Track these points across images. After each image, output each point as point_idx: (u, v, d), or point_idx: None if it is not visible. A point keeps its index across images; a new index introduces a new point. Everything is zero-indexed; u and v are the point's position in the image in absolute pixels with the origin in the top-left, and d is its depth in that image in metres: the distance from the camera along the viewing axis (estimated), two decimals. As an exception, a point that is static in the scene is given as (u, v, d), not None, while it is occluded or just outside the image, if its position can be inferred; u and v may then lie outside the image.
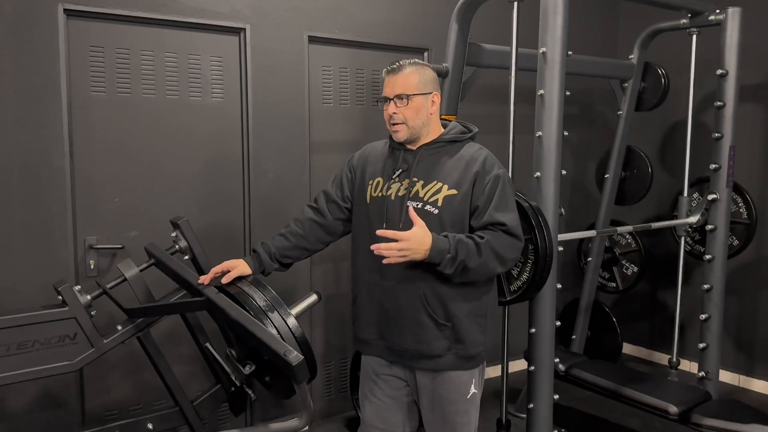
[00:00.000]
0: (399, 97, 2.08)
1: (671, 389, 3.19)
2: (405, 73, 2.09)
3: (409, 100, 2.08)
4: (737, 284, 4.15)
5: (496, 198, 2.05)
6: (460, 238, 1.99)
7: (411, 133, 2.11)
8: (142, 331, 2.47)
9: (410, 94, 2.08)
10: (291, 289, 3.37)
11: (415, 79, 2.09)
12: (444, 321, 2.08)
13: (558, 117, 2.63)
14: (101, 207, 2.94)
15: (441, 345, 2.09)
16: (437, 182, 2.08)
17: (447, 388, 2.14)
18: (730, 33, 3.40)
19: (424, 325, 2.09)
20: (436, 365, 2.11)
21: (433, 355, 2.10)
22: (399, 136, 2.13)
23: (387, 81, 2.13)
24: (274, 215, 3.32)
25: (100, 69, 2.88)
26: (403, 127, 2.10)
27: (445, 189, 2.06)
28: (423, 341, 2.10)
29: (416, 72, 2.10)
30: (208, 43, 3.12)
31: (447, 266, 1.97)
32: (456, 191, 2.05)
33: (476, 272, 2.01)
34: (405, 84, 2.08)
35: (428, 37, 3.75)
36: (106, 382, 3.01)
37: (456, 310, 2.08)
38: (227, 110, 3.21)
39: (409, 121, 2.09)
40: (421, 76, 2.10)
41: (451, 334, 2.09)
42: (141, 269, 2.45)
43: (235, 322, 2.05)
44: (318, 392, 3.65)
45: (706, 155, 4.03)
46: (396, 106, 2.09)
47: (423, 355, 2.11)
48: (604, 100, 4.77)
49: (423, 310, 2.08)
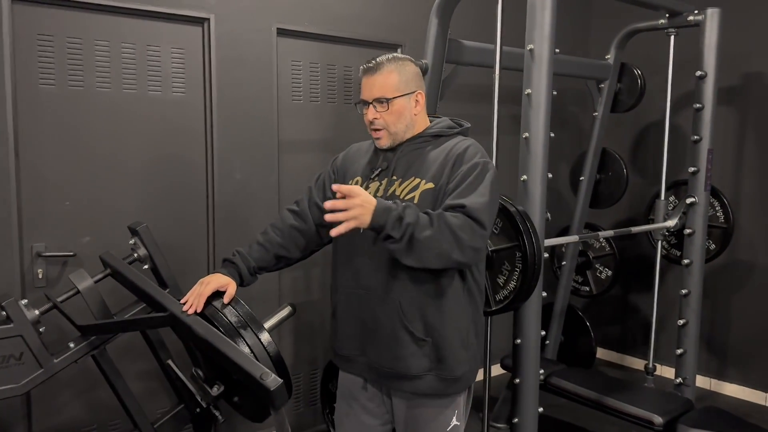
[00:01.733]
0: (378, 100, 1.88)
1: (653, 398, 3.12)
2: (383, 72, 1.89)
3: (389, 104, 1.88)
4: (710, 288, 4.12)
5: (465, 183, 1.79)
6: (408, 204, 1.73)
7: (394, 139, 1.93)
8: (97, 348, 2.25)
9: (390, 97, 1.87)
10: (258, 299, 3.16)
11: (395, 79, 1.88)
12: (422, 335, 1.87)
13: (546, 117, 2.52)
14: (50, 211, 2.69)
15: (420, 364, 1.88)
16: (414, 178, 1.88)
17: (424, 419, 1.94)
18: (709, 34, 3.36)
19: (400, 339, 1.87)
20: (414, 388, 1.90)
21: (411, 376, 1.89)
22: (381, 143, 1.94)
23: (364, 82, 1.92)
24: (241, 219, 3.11)
25: (49, 60, 2.62)
26: (384, 134, 1.92)
27: (423, 184, 1.86)
28: (399, 358, 1.88)
29: (396, 70, 1.89)
30: (168, 34, 2.89)
31: (394, 227, 1.67)
32: (433, 185, 1.85)
33: (428, 249, 1.70)
34: (384, 85, 1.88)
35: (403, 33, 3.59)
36: (56, 401, 2.75)
37: (437, 323, 1.87)
38: (189, 106, 2.99)
39: (390, 127, 1.90)
40: (401, 75, 1.90)
41: (431, 352, 1.88)
42: (96, 280, 2.23)
43: (203, 341, 1.85)
44: (286, 406, 3.45)
45: (680, 158, 4.00)
46: (376, 111, 1.89)
47: (400, 374, 1.89)
48: (576, 101, 4.71)
49: (399, 323, 1.87)
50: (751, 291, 4.06)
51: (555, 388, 3.27)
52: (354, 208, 1.66)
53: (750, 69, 3.98)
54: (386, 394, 2.00)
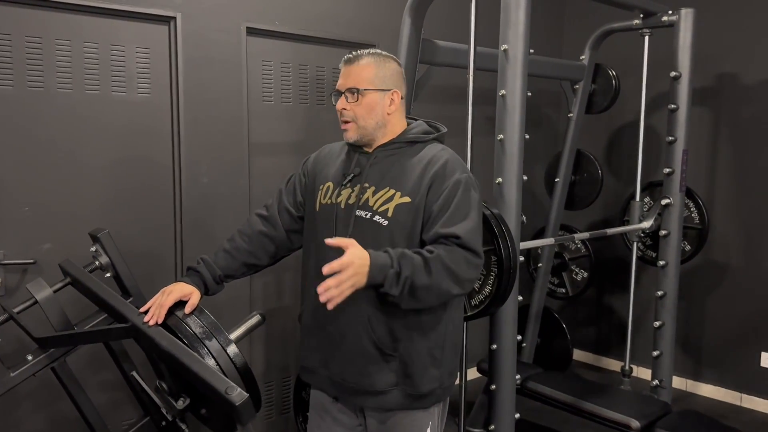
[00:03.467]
0: (350, 91, 1.83)
1: (630, 402, 3.09)
2: (361, 64, 1.83)
3: (360, 96, 1.81)
4: (686, 289, 4.12)
5: (453, 206, 1.74)
6: (403, 251, 1.67)
7: (362, 134, 1.85)
8: (56, 360, 2.15)
9: (361, 88, 1.81)
10: (227, 306, 3.07)
11: (370, 73, 1.82)
12: (390, 351, 1.80)
13: (520, 119, 2.47)
14: (9, 216, 2.57)
15: (386, 379, 1.81)
16: (389, 188, 1.80)
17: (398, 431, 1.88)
18: (683, 34, 3.35)
19: (367, 354, 1.80)
20: (381, 403, 1.84)
21: (376, 391, 1.82)
22: (348, 136, 1.87)
23: (341, 72, 1.86)
24: (210, 224, 3.02)
25: (6, 59, 2.51)
26: (352, 126, 1.84)
27: (398, 197, 1.78)
28: (365, 374, 1.81)
29: (374, 64, 1.84)
30: (133, 33, 2.79)
31: (392, 285, 1.63)
32: (410, 199, 1.77)
33: (427, 293, 1.68)
34: (358, 77, 1.82)
35: (376, 32, 3.52)
36: (14, 415, 2.64)
37: (405, 339, 1.80)
38: (155, 107, 2.89)
39: (360, 120, 1.83)
40: (379, 70, 1.84)
41: (398, 367, 1.81)
42: (55, 290, 2.13)
43: (166, 353, 1.77)
44: (258, 415, 3.36)
45: (654, 159, 4.00)
46: (346, 101, 1.83)
47: (366, 390, 1.83)
48: (551, 102, 4.69)
49: (366, 337, 1.79)
50: (726, 292, 4.07)
51: (532, 392, 3.23)
52: (347, 280, 1.58)
53: (724, 69, 3.99)
54: (357, 409, 1.94)
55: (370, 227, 1.79)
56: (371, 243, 1.77)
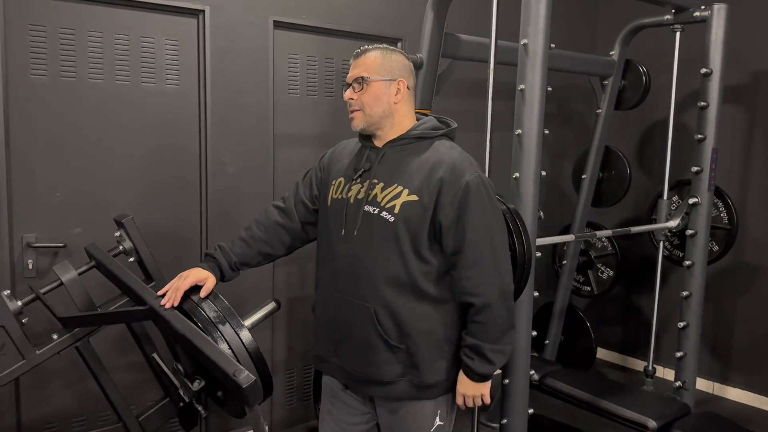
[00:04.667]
0: (357, 80, 1.87)
1: (649, 401, 3.05)
2: (368, 56, 1.89)
3: (366, 85, 1.86)
4: (714, 290, 4.05)
5: (470, 218, 1.78)
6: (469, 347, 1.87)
7: (368, 122, 1.88)
8: (80, 340, 2.24)
9: (367, 77, 1.86)
10: (251, 294, 3.15)
11: (376, 63, 1.87)
12: (397, 343, 1.83)
13: (539, 114, 2.46)
14: (41, 201, 2.68)
15: (393, 370, 1.85)
16: (397, 185, 1.83)
17: (406, 420, 1.91)
18: (715, 30, 3.27)
19: (374, 346, 1.85)
20: (389, 393, 1.88)
21: (385, 381, 1.86)
22: (355, 124, 1.91)
23: (351, 65, 1.92)
24: (234, 214, 3.09)
25: (41, 50, 2.61)
26: (358, 114, 1.88)
27: (405, 194, 1.81)
28: (373, 364, 1.85)
29: (380, 56, 1.88)
30: (163, 25, 2.87)
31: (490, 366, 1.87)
32: (417, 197, 1.80)
33: (498, 328, 1.85)
34: (365, 67, 1.87)
35: (403, 27, 3.54)
36: (45, 391, 2.76)
37: (412, 331, 1.83)
38: (183, 98, 2.97)
39: (366, 108, 1.86)
40: (385, 61, 1.88)
41: (405, 358, 1.85)
42: (80, 272, 2.21)
43: (181, 336, 1.84)
44: (279, 401, 3.44)
45: (685, 157, 3.92)
46: (354, 91, 1.88)
47: (374, 380, 1.87)
48: (580, 97, 4.63)
49: (373, 330, 1.83)
50: (757, 294, 3.98)
51: (550, 389, 3.22)
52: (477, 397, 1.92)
53: (759, 67, 3.89)
54: (367, 398, 1.98)
55: (377, 223, 1.82)
56: (378, 238, 1.82)
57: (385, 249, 1.82)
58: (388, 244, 1.81)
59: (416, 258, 1.81)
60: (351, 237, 1.86)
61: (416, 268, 1.81)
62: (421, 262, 1.82)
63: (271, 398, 3.35)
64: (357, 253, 1.85)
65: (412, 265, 1.81)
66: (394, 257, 1.81)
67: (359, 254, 1.84)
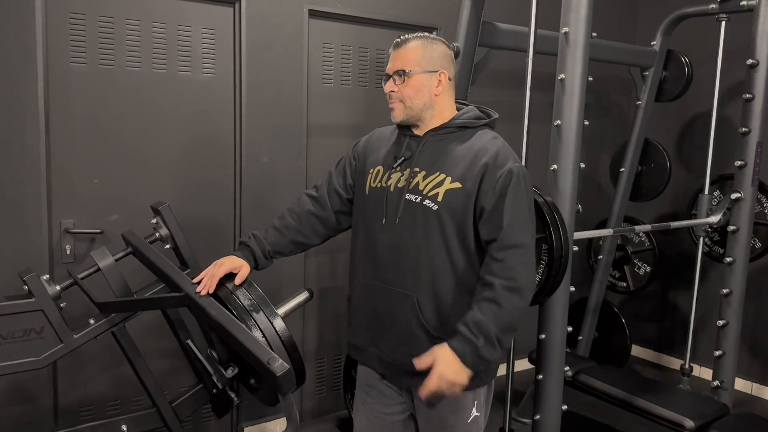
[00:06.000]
0: (398, 73, 1.84)
1: (686, 401, 2.99)
2: (409, 47, 1.84)
3: (407, 78, 1.82)
4: (755, 288, 3.93)
5: (506, 204, 1.75)
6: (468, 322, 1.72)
7: (408, 114, 1.86)
8: (116, 325, 2.26)
9: (409, 70, 1.82)
10: (282, 283, 3.16)
11: (417, 55, 1.83)
12: (438, 333, 1.82)
13: (579, 105, 2.40)
14: (79, 188, 2.72)
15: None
16: (440, 173, 1.81)
17: (444, 410, 1.89)
18: (763, 20, 3.16)
19: (415, 336, 1.83)
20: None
21: (425, 372, 1.83)
22: (395, 116, 1.88)
23: (391, 56, 1.88)
24: (267, 203, 3.10)
25: (80, 38, 2.64)
26: (399, 106, 1.86)
27: (448, 182, 1.79)
28: (413, 354, 1.81)
29: (421, 47, 1.84)
30: (199, 14, 2.88)
31: (491, 352, 1.72)
32: (460, 185, 1.78)
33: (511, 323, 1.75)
34: (406, 59, 1.84)
35: (438, 15, 3.50)
36: (81, 375, 2.81)
37: (452, 320, 1.80)
38: (219, 87, 2.98)
39: (407, 101, 1.84)
40: (426, 52, 1.84)
41: None
42: (117, 258, 2.23)
43: (216, 323, 1.84)
44: (310, 390, 3.46)
45: (727, 151, 3.81)
46: (394, 84, 1.85)
47: (414, 371, 1.83)
48: (620, 88, 4.53)
49: (415, 320, 1.82)
50: (800, 293, 3.86)
51: (584, 385, 3.17)
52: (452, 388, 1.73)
53: (808, 58, 3.74)
54: (404, 388, 1.96)
55: (420, 211, 1.80)
56: (421, 227, 1.80)
57: (428, 238, 1.80)
58: (432, 233, 1.79)
59: (460, 247, 1.79)
60: (392, 226, 1.84)
61: (459, 257, 1.80)
62: (464, 251, 1.80)
63: (302, 388, 3.36)
64: (399, 242, 1.83)
65: (456, 254, 1.79)
66: (438, 246, 1.79)
67: (401, 243, 1.82)
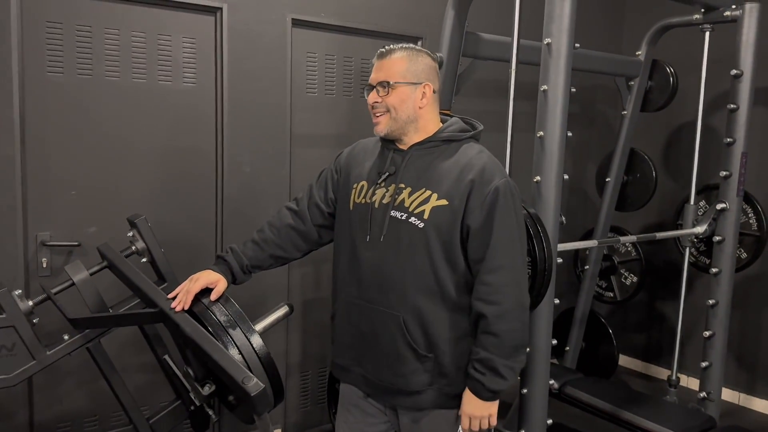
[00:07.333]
0: (381, 84, 1.80)
1: (673, 414, 2.97)
2: (393, 58, 1.81)
3: (391, 89, 1.79)
4: (742, 298, 3.92)
5: (494, 229, 1.72)
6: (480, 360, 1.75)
7: (392, 127, 1.82)
8: (91, 341, 2.21)
9: (393, 82, 1.79)
10: (265, 294, 3.11)
11: (402, 66, 1.80)
12: (425, 351, 1.79)
13: (562, 116, 2.38)
14: (56, 200, 2.67)
15: (421, 380, 1.80)
16: (426, 190, 1.77)
17: (429, 428, 1.86)
18: (746, 30, 3.17)
19: (402, 356, 1.80)
20: (415, 403, 1.83)
21: (412, 391, 1.81)
22: (378, 129, 1.84)
23: (374, 66, 1.85)
24: (250, 213, 3.05)
25: (57, 47, 2.60)
26: (383, 119, 1.82)
27: (434, 198, 1.75)
28: (400, 375, 1.80)
29: (406, 58, 1.81)
30: (180, 23, 2.85)
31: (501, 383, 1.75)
32: (446, 201, 1.74)
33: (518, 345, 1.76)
34: (390, 71, 1.80)
35: (422, 25, 3.48)
36: (58, 391, 2.75)
37: (440, 339, 1.78)
38: (200, 97, 2.94)
39: (391, 113, 1.80)
40: (411, 64, 1.81)
41: (433, 367, 1.79)
42: (92, 272, 2.19)
43: (190, 340, 1.80)
44: (294, 404, 3.40)
45: (712, 161, 3.81)
46: (378, 95, 1.81)
47: (400, 390, 1.82)
48: (605, 98, 4.53)
49: (402, 339, 1.78)
50: (786, 303, 3.85)
51: (570, 398, 3.14)
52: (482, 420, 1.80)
53: (792, 69, 3.76)
54: (389, 406, 1.93)
55: (405, 228, 1.77)
56: (407, 244, 1.76)
57: (414, 256, 1.76)
58: (418, 251, 1.75)
59: (447, 265, 1.76)
60: (377, 243, 1.80)
61: (446, 275, 1.76)
62: (451, 269, 1.77)
63: (285, 401, 3.32)
64: (384, 261, 1.79)
65: (443, 272, 1.76)
66: (424, 264, 1.76)
67: (386, 261, 1.79)
